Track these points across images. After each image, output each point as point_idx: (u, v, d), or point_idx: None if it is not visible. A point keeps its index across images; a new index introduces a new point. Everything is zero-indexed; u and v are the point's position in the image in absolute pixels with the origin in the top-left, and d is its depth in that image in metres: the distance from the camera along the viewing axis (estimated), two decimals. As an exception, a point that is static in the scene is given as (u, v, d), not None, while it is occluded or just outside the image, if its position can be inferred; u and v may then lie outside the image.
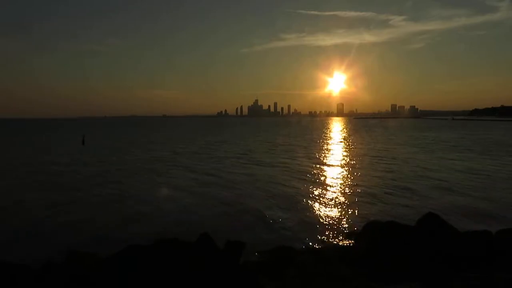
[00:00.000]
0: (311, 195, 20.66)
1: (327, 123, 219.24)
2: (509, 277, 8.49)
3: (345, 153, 44.91)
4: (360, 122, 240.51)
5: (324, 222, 15.47)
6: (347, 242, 12.86)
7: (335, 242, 13.08)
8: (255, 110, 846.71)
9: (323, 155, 42.80)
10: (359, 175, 27.61)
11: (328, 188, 22.86)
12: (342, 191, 21.71)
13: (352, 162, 35.51)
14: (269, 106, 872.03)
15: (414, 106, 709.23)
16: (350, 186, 23.20)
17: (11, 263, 9.06)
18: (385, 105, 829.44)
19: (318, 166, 32.81)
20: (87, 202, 19.48)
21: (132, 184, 24.65)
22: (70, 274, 8.42)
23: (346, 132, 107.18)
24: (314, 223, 15.41)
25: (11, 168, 32.54)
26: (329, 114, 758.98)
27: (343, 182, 25.03)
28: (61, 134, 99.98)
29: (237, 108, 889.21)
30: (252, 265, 9.59)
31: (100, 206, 18.60)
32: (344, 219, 15.83)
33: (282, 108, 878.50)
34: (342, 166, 32.86)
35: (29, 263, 9.41)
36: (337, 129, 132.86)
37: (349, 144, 59.47)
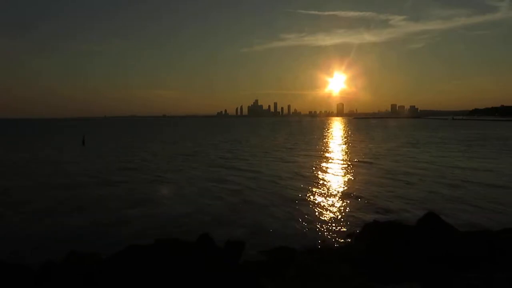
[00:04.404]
0: (312, 195, 20.67)
1: (328, 123, 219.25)
2: (509, 277, 8.49)
3: (348, 153, 44.90)
4: (360, 122, 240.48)
5: (324, 222, 15.48)
6: (347, 242, 12.85)
7: (335, 242, 13.08)
8: (255, 110, 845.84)
9: (326, 154, 42.82)
10: (361, 174, 27.61)
11: (330, 188, 22.88)
12: (344, 191, 21.71)
13: (355, 162, 35.51)
14: (269, 106, 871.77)
15: (414, 106, 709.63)
16: (351, 186, 23.19)
17: (11, 263, 9.06)
18: (385, 105, 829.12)
19: (320, 165, 32.82)
20: (87, 202, 19.46)
21: (132, 184, 24.64)
22: (70, 274, 8.42)
23: (348, 132, 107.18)
24: (314, 223, 15.41)
25: (10, 168, 32.54)
26: (329, 114, 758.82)
27: (345, 181, 25.03)
28: (61, 134, 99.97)
29: (237, 108, 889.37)
30: (252, 265, 9.59)
31: (100, 206, 18.59)
32: (344, 219, 15.83)
33: (282, 108, 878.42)
34: (345, 166, 32.86)
35: (29, 263, 9.41)
36: (338, 129, 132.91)
37: (352, 144, 59.47)
